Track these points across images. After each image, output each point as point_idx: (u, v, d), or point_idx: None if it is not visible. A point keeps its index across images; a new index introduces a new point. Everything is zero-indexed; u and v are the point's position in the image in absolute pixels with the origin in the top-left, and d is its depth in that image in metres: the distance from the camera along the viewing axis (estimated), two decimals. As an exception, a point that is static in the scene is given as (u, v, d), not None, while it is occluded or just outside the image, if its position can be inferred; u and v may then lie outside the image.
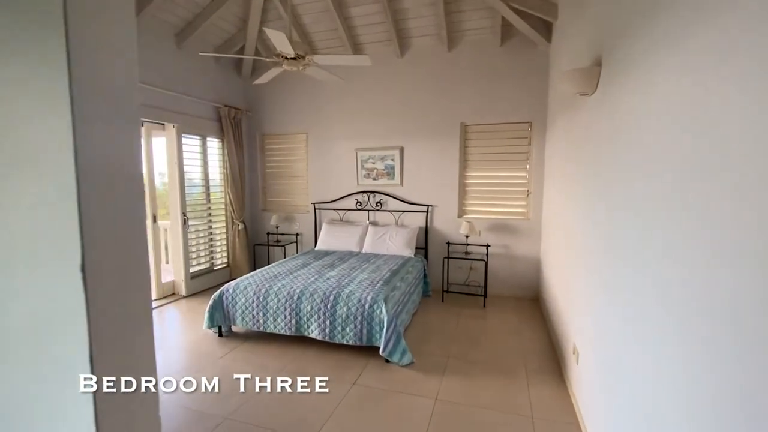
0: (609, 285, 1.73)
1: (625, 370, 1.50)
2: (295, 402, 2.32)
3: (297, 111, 5.02)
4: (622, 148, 1.62)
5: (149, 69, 3.82)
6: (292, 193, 5.23)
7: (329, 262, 3.89)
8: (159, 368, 2.32)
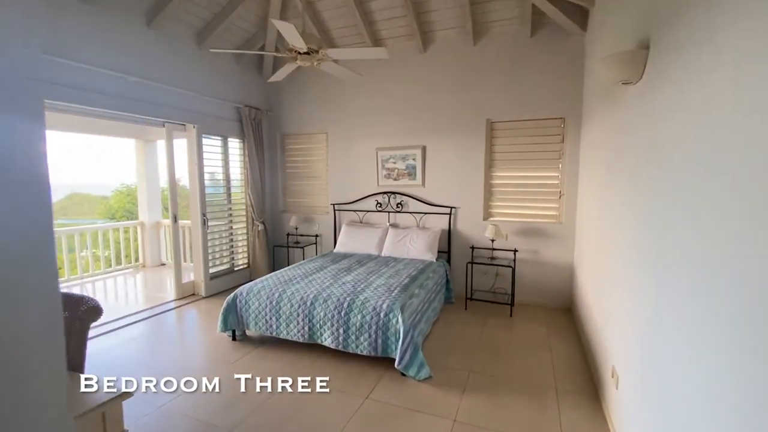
0: (662, 304, 1.47)
1: (681, 403, 1.25)
2: (303, 416, 2.18)
3: (317, 110, 4.92)
4: (682, 144, 1.36)
5: (170, 70, 3.82)
6: (312, 193, 5.14)
7: (346, 266, 3.75)
8: (167, 371, 2.23)
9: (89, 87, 3.12)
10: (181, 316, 3.78)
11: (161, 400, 2.29)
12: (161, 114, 3.81)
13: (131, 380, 2.44)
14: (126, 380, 2.49)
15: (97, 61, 3.15)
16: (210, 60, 4.27)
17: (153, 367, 2.71)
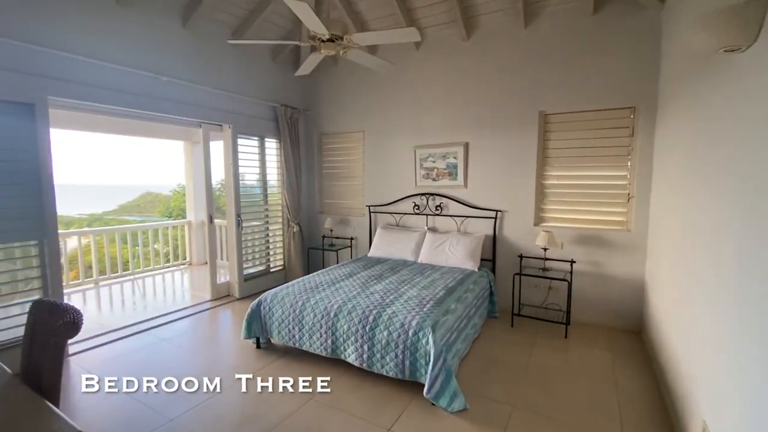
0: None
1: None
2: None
3: (354, 108, 4.70)
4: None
5: (205, 70, 3.79)
6: (348, 194, 4.94)
7: (378, 273, 3.47)
8: (185, 375, 2.00)
9: (124, 88, 3.13)
10: (212, 318, 3.73)
11: (170, 409, 2.16)
12: (198, 114, 3.79)
13: (132, 380, 2.40)
14: (127, 380, 2.47)
15: (133, 62, 3.17)
16: (246, 59, 4.21)
17: (173, 370, 2.63)
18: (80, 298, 4.41)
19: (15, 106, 2.53)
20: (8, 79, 2.47)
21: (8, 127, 2.52)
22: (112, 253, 5.46)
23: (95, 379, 2.33)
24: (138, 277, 5.44)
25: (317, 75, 4.92)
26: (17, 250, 2.69)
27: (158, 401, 2.27)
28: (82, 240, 5.04)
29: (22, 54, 2.53)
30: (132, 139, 7.46)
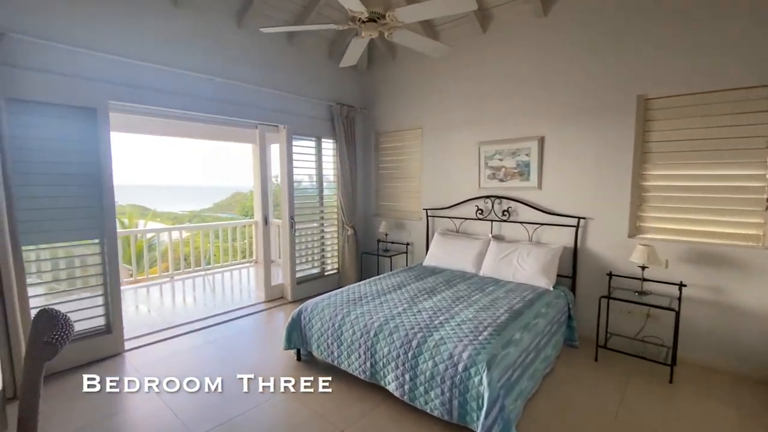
0: None
1: None
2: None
3: (412, 103, 4.35)
4: None
5: (261, 70, 3.74)
6: (404, 197, 4.60)
7: (430, 286, 3.07)
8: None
9: (180, 91, 3.17)
10: (261, 322, 3.66)
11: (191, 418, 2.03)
12: (253, 115, 3.76)
13: (133, 380, 2.34)
14: (128, 380, 2.41)
15: (189, 64, 3.20)
16: (302, 57, 4.10)
17: (204, 376, 2.54)
18: (156, 291, 4.71)
19: (78, 110, 2.64)
20: (72, 85, 2.58)
21: (73, 131, 2.63)
22: (187, 250, 5.83)
23: (96, 380, 2.33)
24: (210, 272, 5.72)
25: (375, 71, 4.67)
26: (83, 248, 2.83)
27: (182, 408, 2.17)
28: (170, 235, 5.43)
29: (84, 60, 2.64)
30: (214, 143, 7.95)
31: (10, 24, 2.30)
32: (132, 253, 5.22)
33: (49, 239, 2.58)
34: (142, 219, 14.19)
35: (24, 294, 2.38)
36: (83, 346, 2.73)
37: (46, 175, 2.52)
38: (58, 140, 2.57)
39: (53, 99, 2.50)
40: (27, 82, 2.38)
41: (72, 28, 2.57)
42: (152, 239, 7.67)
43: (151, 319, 3.73)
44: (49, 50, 2.47)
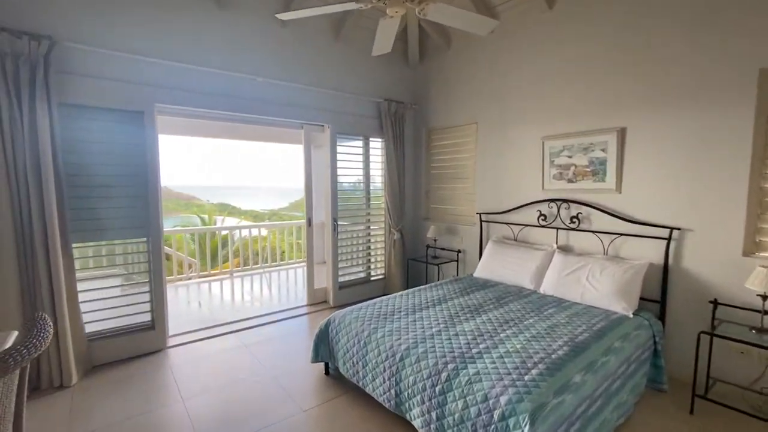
0: None
1: None
2: None
3: (466, 96, 3.94)
4: None
5: (307, 68, 3.64)
6: (457, 199, 4.19)
7: (477, 302, 2.67)
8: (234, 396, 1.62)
9: (225, 92, 3.17)
10: (300, 327, 3.55)
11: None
12: (298, 115, 3.67)
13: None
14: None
15: (233, 65, 3.19)
16: (349, 53, 3.93)
17: (229, 385, 2.44)
18: (217, 287, 4.92)
19: (126, 114, 2.74)
20: (119, 89, 2.67)
21: (121, 133, 2.74)
22: (255, 247, 6.05)
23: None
24: (268, 270, 5.88)
25: (428, 63, 4.34)
26: (130, 246, 2.95)
27: (199, 416, 2.08)
28: (238, 233, 5.70)
29: (131, 65, 2.72)
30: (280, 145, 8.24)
31: (61, 32, 2.43)
32: (197, 248, 5.53)
33: (97, 237, 2.71)
34: (221, 215, 15.46)
35: (73, 290, 2.50)
36: (129, 341, 2.83)
37: (95, 176, 2.64)
38: (107, 143, 2.68)
39: (102, 103, 2.61)
40: (77, 88, 2.50)
41: (119, 34, 2.67)
42: (227, 236, 8.26)
43: (200, 316, 3.83)
44: (98, 56, 2.58)
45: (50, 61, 2.32)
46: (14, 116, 2.23)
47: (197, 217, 12.10)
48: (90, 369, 2.65)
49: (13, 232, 2.25)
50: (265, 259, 6.08)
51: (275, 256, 6.21)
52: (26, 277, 2.33)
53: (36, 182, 2.30)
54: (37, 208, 2.30)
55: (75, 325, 2.50)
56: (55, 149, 2.37)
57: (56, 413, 2.17)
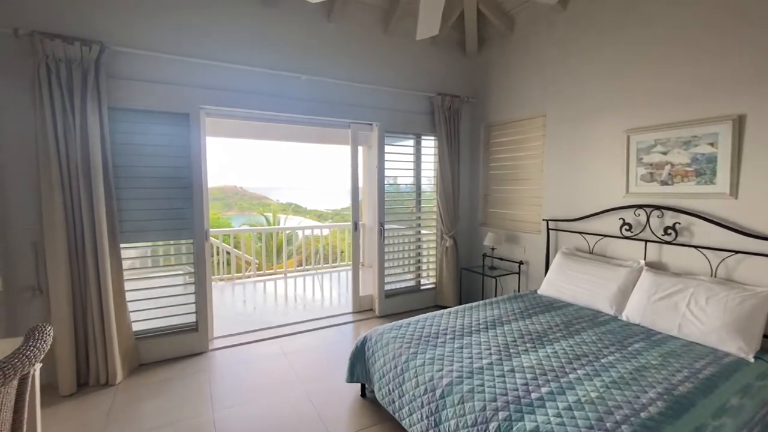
0: None
1: None
2: None
3: (533, 86, 3.46)
4: None
5: (354, 64, 3.44)
6: (520, 203, 3.71)
7: (541, 328, 2.24)
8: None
9: (271, 92, 3.09)
10: (343, 337, 3.36)
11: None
12: (346, 114, 3.48)
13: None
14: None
15: (279, 64, 3.09)
16: (399, 46, 3.66)
17: (262, 398, 2.30)
18: (271, 286, 4.97)
19: (172, 116, 2.75)
20: (165, 92, 2.69)
21: (167, 136, 2.76)
22: (318, 245, 6.09)
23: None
24: (320, 272, 5.86)
25: (487, 52, 3.92)
26: (176, 248, 2.97)
27: (226, 429, 1.95)
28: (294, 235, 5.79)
29: (177, 68, 2.73)
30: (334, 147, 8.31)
31: (110, 36, 2.48)
32: (263, 246, 5.66)
33: (144, 238, 2.75)
34: (284, 214, 16.14)
35: (121, 289, 2.55)
36: (174, 341, 2.85)
37: (142, 178, 2.68)
38: (153, 145, 2.71)
39: (148, 106, 2.63)
40: (124, 91, 2.55)
41: (165, 36, 2.68)
42: (290, 235, 8.53)
43: (248, 317, 3.83)
44: (143, 59, 2.61)
45: (100, 66, 2.37)
46: (67, 121, 2.30)
47: (262, 216, 12.71)
48: (136, 367, 2.69)
49: (65, 233, 2.33)
50: (325, 259, 6.08)
51: (334, 257, 6.18)
52: (77, 276, 2.40)
53: (86, 184, 2.36)
54: (87, 209, 2.37)
55: (122, 323, 2.55)
56: (104, 152, 2.43)
57: (95, 413, 2.19)
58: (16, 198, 2.34)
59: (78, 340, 2.43)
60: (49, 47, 2.22)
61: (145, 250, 2.86)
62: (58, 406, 2.26)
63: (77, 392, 2.39)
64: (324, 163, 32.07)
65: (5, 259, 2.29)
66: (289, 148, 26.60)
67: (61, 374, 2.33)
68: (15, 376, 1.14)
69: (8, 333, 2.28)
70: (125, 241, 2.63)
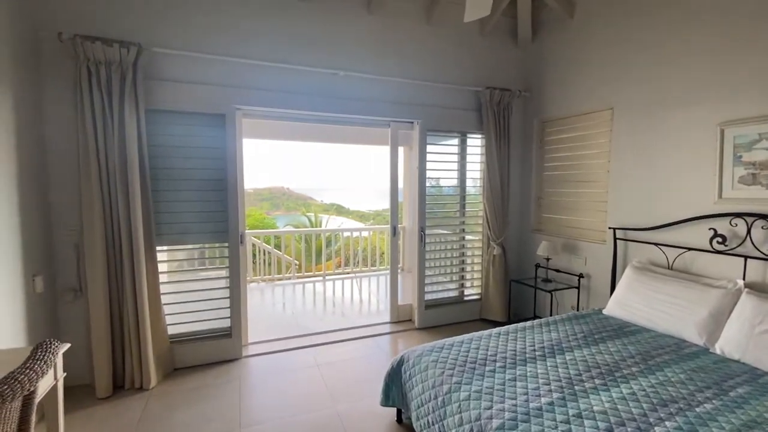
0: None
1: None
2: None
3: (598, 75, 3.04)
4: None
5: (395, 58, 3.22)
6: (579, 208, 3.29)
7: (612, 360, 1.87)
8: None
9: (304, 90, 2.95)
10: (381, 349, 3.14)
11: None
12: (385, 112, 3.27)
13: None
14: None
15: (316, 60, 2.95)
16: (443, 37, 3.39)
17: (289, 417, 2.14)
18: (310, 289, 4.90)
19: (208, 117, 2.69)
20: (202, 93, 2.63)
21: (203, 137, 2.70)
22: (355, 247, 5.99)
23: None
24: (359, 275, 5.72)
25: (544, 39, 3.54)
26: (212, 251, 2.93)
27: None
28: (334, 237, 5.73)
29: (213, 68, 2.67)
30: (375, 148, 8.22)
31: (148, 38, 2.45)
32: (303, 246, 5.63)
33: (179, 241, 2.72)
34: (326, 214, 16.32)
35: (156, 292, 2.53)
36: (208, 346, 2.79)
37: (178, 180, 2.64)
38: (189, 147, 2.66)
39: (183, 107, 2.59)
40: (160, 92, 2.52)
41: (201, 36, 2.63)
42: (330, 236, 8.53)
43: (284, 321, 3.75)
44: (180, 59, 2.56)
45: (138, 67, 2.35)
46: (107, 123, 2.29)
47: (305, 217, 12.89)
48: (171, 372, 2.66)
49: (103, 234, 2.33)
50: (364, 261, 5.96)
51: (374, 259, 6.02)
52: (113, 278, 2.40)
53: (123, 186, 2.35)
54: (124, 210, 2.35)
55: (157, 326, 2.52)
56: (141, 154, 2.40)
57: (126, 420, 2.14)
58: (60, 200, 2.37)
59: (114, 342, 2.43)
60: (89, 50, 2.22)
61: (181, 252, 2.83)
62: (95, 408, 2.25)
63: (113, 395, 2.38)
64: (366, 164, 32.32)
65: (48, 260, 2.33)
66: (332, 150, 27.17)
67: (97, 376, 2.33)
68: (14, 398, 1.05)
69: (49, 335, 2.31)
70: (161, 243, 2.60)
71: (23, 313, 2.06)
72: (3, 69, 1.95)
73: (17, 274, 2.02)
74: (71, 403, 2.24)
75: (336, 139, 5.60)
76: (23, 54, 2.14)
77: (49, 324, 2.32)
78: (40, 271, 2.21)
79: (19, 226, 2.04)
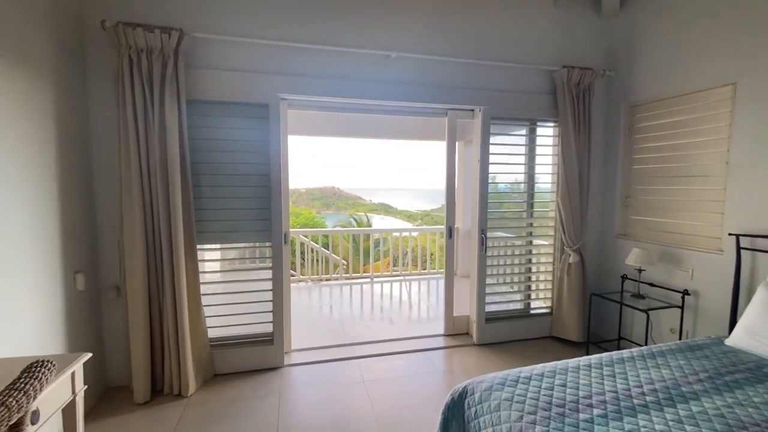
0: None
1: None
2: None
3: (713, 43, 2.42)
4: None
5: (450, 35, 2.84)
6: (682, 208, 2.67)
7: (760, 417, 1.35)
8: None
9: (352, 75, 2.68)
10: (434, 367, 2.77)
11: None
12: (441, 98, 2.89)
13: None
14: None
15: (365, 41, 2.66)
16: (511, 7, 2.95)
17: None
18: (357, 291, 4.67)
19: (250, 108, 2.51)
20: (244, 80, 2.45)
21: (245, 129, 2.52)
22: (404, 247, 5.71)
23: None
24: (408, 279, 5.42)
25: (633, 8, 2.96)
26: (254, 251, 2.75)
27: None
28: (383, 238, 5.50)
29: (255, 52, 2.47)
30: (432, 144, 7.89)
31: (189, 22, 2.30)
32: (351, 245, 5.44)
33: (220, 239, 2.56)
34: (374, 214, 16.23)
35: (197, 294, 2.38)
36: (249, 352, 2.62)
37: (219, 175, 2.49)
38: (230, 140, 2.50)
39: (225, 97, 2.42)
40: (202, 81, 2.37)
41: (242, 20, 2.44)
42: (377, 238, 8.36)
43: (329, 326, 3.54)
44: (222, 45, 2.40)
45: (179, 54, 2.21)
46: (147, 115, 2.18)
47: (352, 218, 12.85)
48: (211, 378, 2.51)
49: (143, 231, 2.21)
50: (414, 262, 5.67)
51: (424, 262, 5.69)
52: (153, 277, 2.28)
53: (164, 181, 2.22)
54: (164, 207, 2.22)
55: (196, 329, 2.37)
56: (182, 147, 2.26)
57: (161, 430, 1.99)
58: (104, 196, 2.30)
59: (154, 345, 2.31)
60: (131, 37, 2.10)
61: (222, 252, 2.68)
62: (132, 415, 2.14)
63: (151, 400, 2.26)
64: (414, 165, 31.95)
65: (92, 257, 2.26)
66: (381, 151, 27.18)
67: (135, 381, 2.22)
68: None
69: (89, 335, 2.24)
70: (201, 241, 2.46)
71: (63, 311, 1.98)
72: (45, 58, 1.87)
73: (55, 271, 1.93)
74: (108, 408, 2.15)
75: (385, 133, 5.32)
76: (68, 44, 2.07)
77: (91, 323, 2.25)
78: (81, 268, 2.14)
79: (59, 221, 1.96)
